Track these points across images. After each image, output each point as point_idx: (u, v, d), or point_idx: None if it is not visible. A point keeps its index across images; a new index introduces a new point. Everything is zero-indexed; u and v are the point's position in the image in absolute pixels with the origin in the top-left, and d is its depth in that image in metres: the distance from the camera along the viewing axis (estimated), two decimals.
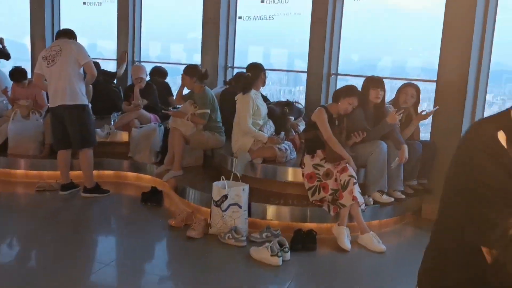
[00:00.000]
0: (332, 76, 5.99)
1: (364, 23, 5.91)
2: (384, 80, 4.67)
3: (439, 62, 4.85)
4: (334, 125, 4.47)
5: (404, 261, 4.00)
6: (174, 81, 7.36)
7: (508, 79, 4.96)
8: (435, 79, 5.01)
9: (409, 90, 4.73)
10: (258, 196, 4.50)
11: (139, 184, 5.68)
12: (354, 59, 5.88)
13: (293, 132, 5.34)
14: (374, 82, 4.56)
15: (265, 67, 5.06)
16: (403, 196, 4.63)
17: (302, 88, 7.01)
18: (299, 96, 7.00)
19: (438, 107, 4.71)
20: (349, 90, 4.45)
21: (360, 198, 4.18)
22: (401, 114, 4.51)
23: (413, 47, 5.68)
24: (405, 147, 4.46)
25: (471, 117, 4.77)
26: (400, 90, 4.79)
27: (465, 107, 4.71)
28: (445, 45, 4.78)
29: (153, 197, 5.06)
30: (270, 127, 4.93)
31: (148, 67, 6.81)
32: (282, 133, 5.03)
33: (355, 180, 4.19)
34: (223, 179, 4.32)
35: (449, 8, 4.71)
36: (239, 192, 4.18)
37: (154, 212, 4.90)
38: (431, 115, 4.81)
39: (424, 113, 4.77)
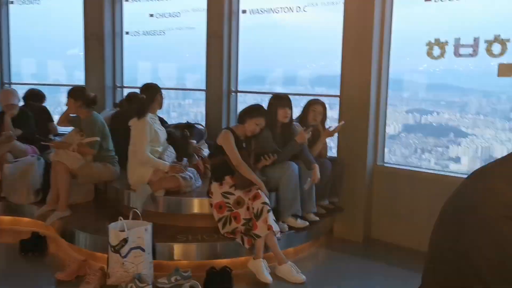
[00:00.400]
0: (232, 93, 5.66)
1: (256, 36, 5.73)
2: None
3: (341, 77, 4.76)
4: (242, 148, 4.14)
5: None
6: (54, 103, 6.55)
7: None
8: (324, 91, 4.96)
9: (317, 107, 4.57)
10: (163, 234, 3.97)
11: (16, 229, 4.79)
12: (246, 73, 5.69)
13: (196, 157, 4.90)
14: (282, 101, 4.31)
15: (158, 85, 4.57)
16: (317, 218, 4.43)
17: (191, 101, 6.75)
18: (188, 109, 6.73)
19: (344, 122, 4.61)
20: (255, 110, 4.15)
21: (276, 227, 3.87)
22: (310, 132, 4.30)
23: (300, 60, 5.63)
24: (317, 166, 4.27)
25: (375, 131, 4.73)
26: (308, 108, 4.61)
27: (369, 121, 4.65)
28: (346, 60, 4.70)
29: (34, 244, 4.27)
30: (171, 154, 4.45)
31: (21, 90, 5.91)
32: (185, 159, 4.58)
33: (268, 208, 3.87)
34: (120, 219, 3.74)
35: (348, 23, 4.64)
36: (141, 233, 3.63)
37: (37, 264, 4.13)
38: (337, 131, 4.68)
39: (331, 129, 4.63)
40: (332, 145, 5.04)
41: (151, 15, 6.20)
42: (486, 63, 4.07)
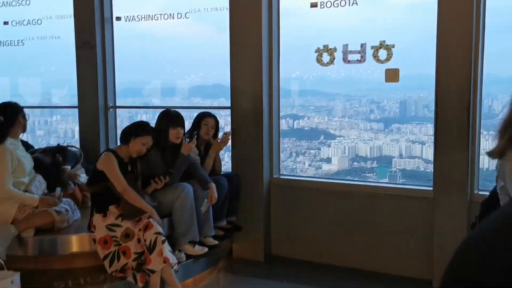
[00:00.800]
0: (111, 109, 5.07)
1: (131, 45, 5.26)
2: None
3: (231, 88, 4.48)
4: (127, 172, 3.63)
5: None
6: None
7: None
8: (200, 102, 4.80)
9: (209, 120, 4.22)
10: (35, 282, 3.35)
11: None
12: (119, 85, 5.20)
13: (72, 184, 4.23)
14: (174, 120, 3.89)
15: (18, 104, 3.87)
16: (216, 242, 4.05)
17: (59, 117, 6.10)
18: (56, 126, 6.09)
19: (230, 131, 4.33)
20: (140, 128, 3.67)
21: (172, 258, 3.43)
22: (195, 141, 3.93)
23: (178, 70, 5.32)
24: (213, 185, 3.91)
25: (269, 142, 4.51)
26: (199, 121, 4.24)
27: (263, 132, 4.43)
28: (235, 70, 4.44)
29: None
30: (40, 184, 3.77)
31: None
32: (58, 189, 3.92)
33: (163, 238, 3.42)
34: None
35: (235, 31, 4.39)
36: (6, 286, 2.94)
37: None
38: (229, 142, 4.37)
39: (218, 141, 4.31)
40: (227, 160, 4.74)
41: (6, 23, 5.37)
42: (353, 69, 4.20)
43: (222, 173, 4.46)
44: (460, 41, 3.65)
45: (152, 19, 4.91)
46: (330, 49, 4.21)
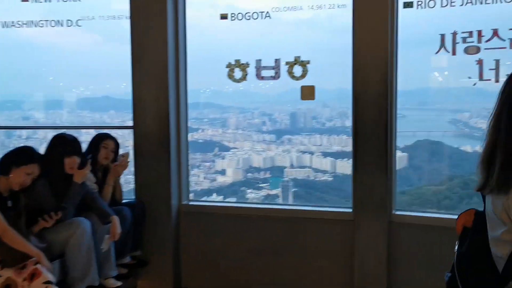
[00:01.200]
0: None
1: (8, 56, 4.59)
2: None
3: (133, 106, 4.01)
4: (6, 209, 3.02)
5: None
6: None
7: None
8: (89, 115, 4.48)
9: (109, 143, 3.71)
10: None
11: None
12: None
13: None
14: (70, 148, 3.32)
15: None
16: (119, 283, 3.53)
17: None
18: None
19: (127, 152, 3.88)
20: (23, 155, 3.09)
21: None
22: (90, 166, 3.41)
23: (65, 82, 4.80)
24: (116, 218, 3.40)
25: (177, 164, 4.09)
26: (98, 144, 3.69)
27: (171, 154, 4.01)
28: (137, 85, 3.98)
29: None
30: None
31: None
32: None
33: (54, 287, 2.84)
34: None
35: (137, 41, 3.94)
36: None
37: None
38: (127, 165, 3.87)
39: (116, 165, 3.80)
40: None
41: None
42: (252, 83, 4.03)
43: (123, 201, 3.94)
44: (376, 57, 3.56)
45: (36, 26, 4.26)
46: (242, 64, 3.94)
